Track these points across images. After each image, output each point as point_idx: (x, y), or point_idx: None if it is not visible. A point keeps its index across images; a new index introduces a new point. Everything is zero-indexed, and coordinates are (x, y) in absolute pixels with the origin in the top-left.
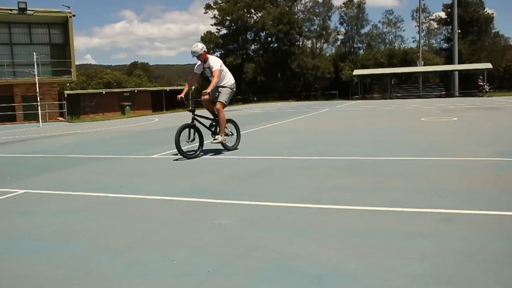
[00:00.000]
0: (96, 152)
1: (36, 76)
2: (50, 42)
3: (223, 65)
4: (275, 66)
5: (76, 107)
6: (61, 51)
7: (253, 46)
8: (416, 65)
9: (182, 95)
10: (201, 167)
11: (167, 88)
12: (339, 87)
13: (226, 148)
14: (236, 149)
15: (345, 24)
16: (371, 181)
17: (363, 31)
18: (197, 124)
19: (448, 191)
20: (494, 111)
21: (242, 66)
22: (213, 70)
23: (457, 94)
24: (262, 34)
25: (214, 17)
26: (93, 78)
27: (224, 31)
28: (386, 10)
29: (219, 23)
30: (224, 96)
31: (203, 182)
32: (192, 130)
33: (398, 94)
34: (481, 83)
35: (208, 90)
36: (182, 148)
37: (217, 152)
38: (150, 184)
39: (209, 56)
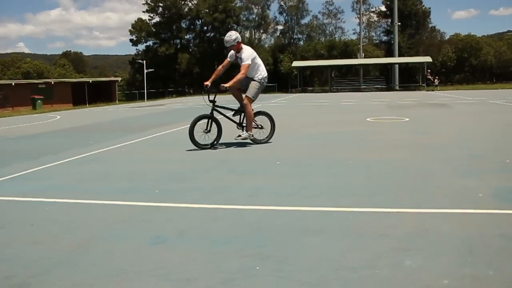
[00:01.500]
0: None
1: None
2: None
3: (257, 57)
4: (212, 56)
5: None
6: None
7: (187, 35)
8: (356, 58)
9: (209, 82)
10: None
11: (90, 80)
12: (278, 80)
13: (255, 142)
14: (268, 142)
15: (284, 14)
16: None
17: (303, 21)
18: (218, 116)
19: None
20: (444, 109)
21: (176, 56)
22: (242, 64)
23: (397, 87)
24: (198, 23)
25: (146, 3)
26: (9, 67)
27: (157, 18)
28: (326, 0)
29: (151, 9)
30: (252, 90)
31: None
32: (210, 121)
33: (339, 87)
34: (430, 77)
35: (227, 85)
36: (197, 139)
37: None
38: None
39: (243, 46)
